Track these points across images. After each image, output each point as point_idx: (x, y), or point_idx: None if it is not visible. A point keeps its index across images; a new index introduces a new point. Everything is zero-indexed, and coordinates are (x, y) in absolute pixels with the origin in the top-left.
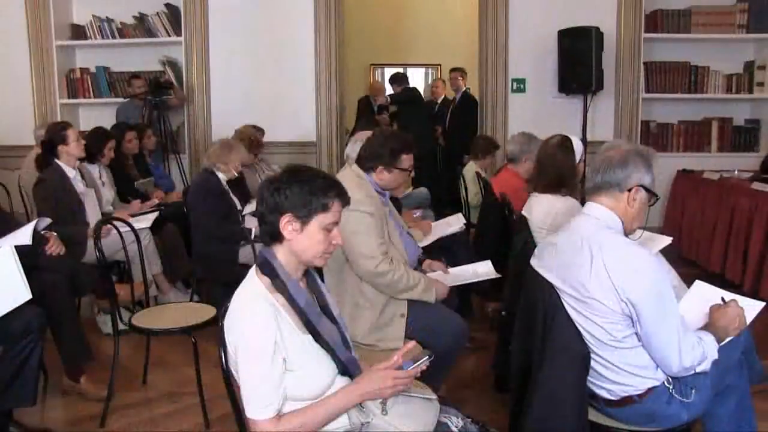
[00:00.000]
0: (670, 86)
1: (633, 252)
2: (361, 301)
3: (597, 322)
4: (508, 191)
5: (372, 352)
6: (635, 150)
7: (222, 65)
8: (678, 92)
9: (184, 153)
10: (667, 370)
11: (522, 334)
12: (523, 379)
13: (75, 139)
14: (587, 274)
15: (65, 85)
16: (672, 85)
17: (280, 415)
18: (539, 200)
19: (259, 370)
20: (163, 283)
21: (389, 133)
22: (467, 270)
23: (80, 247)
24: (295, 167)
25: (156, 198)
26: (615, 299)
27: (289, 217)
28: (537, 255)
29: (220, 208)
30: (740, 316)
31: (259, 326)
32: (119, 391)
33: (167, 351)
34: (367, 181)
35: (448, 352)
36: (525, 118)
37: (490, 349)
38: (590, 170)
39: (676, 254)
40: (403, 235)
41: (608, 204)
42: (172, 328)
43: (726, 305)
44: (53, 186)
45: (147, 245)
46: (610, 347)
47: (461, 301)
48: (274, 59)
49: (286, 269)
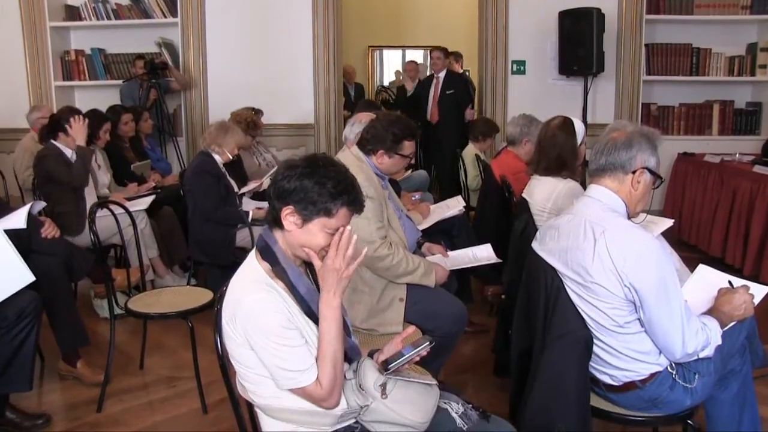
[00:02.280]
0: (672, 68)
1: (636, 236)
2: (360, 285)
3: (599, 307)
4: (508, 174)
5: (371, 337)
6: (640, 131)
7: (219, 47)
8: (679, 74)
9: (181, 136)
10: (671, 356)
11: (523, 319)
12: (524, 364)
13: (78, 132)
14: (590, 259)
15: (60, 67)
16: (673, 68)
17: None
18: (540, 183)
19: (284, 341)
20: (159, 267)
21: (394, 117)
22: (467, 254)
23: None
24: (315, 159)
25: (152, 181)
26: (618, 284)
27: (291, 209)
28: (538, 238)
29: (217, 191)
30: (747, 303)
31: (268, 308)
32: (116, 375)
33: (164, 335)
34: (367, 163)
35: (448, 337)
36: (525, 100)
37: (489, 334)
38: (594, 152)
39: (676, 238)
40: (402, 219)
41: (612, 186)
42: (168, 313)
43: (734, 290)
44: (53, 163)
45: (143, 229)
46: (612, 332)
47: (460, 284)
48: (272, 41)
49: (286, 255)
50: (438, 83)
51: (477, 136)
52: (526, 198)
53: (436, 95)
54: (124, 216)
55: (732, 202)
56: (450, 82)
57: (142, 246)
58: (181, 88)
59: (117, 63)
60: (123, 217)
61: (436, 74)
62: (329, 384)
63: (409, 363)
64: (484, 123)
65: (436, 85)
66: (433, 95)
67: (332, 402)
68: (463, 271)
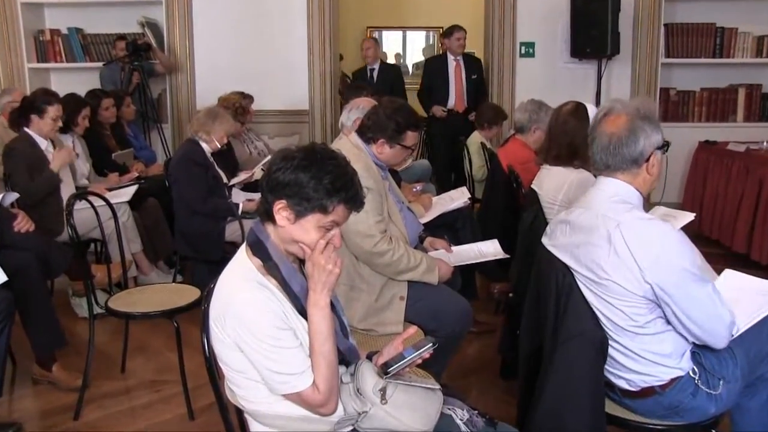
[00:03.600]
0: (693, 50)
1: (654, 228)
2: (358, 282)
3: (615, 305)
4: (515, 163)
5: (369, 338)
6: (636, 115)
7: (207, 27)
8: (701, 56)
9: (166, 122)
10: (719, 342)
11: (532, 318)
12: (533, 366)
13: (53, 117)
14: (604, 254)
15: (34, 48)
16: (695, 49)
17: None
18: (550, 173)
19: (277, 343)
20: (143, 263)
21: (398, 105)
22: (472, 249)
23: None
24: (313, 151)
25: (135, 171)
26: (636, 282)
27: (284, 204)
28: (548, 233)
29: (204, 182)
30: None
31: (260, 307)
32: (95, 379)
33: (148, 336)
34: (366, 152)
35: (451, 337)
36: (534, 85)
37: (496, 334)
38: (596, 149)
39: (696, 232)
40: (403, 211)
41: (626, 179)
42: (152, 312)
43: None
44: (24, 155)
45: (125, 222)
46: (629, 333)
47: (465, 281)
48: (263, 20)
49: (279, 250)
50: (460, 67)
51: (483, 124)
52: (535, 189)
53: (460, 81)
54: (105, 208)
55: (758, 193)
56: (471, 66)
57: (124, 240)
58: (166, 72)
59: (96, 44)
60: (103, 210)
61: (455, 57)
62: (327, 388)
63: (410, 366)
64: (490, 109)
65: (457, 69)
66: (456, 80)
67: (330, 407)
68: (468, 267)
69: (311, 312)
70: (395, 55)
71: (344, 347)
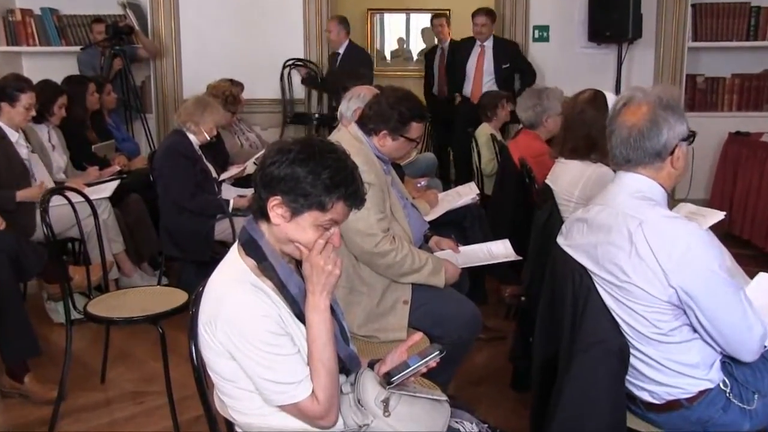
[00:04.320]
0: (724, 32)
1: (679, 227)
2: (358, 285)
3: (638, 311)
4: (528, 156)
5: (370, 345)
6: (658, 104)
7: (194, 10)
8: (733, 40)
9: (150, 112)
10: (747, 356)
11: (546, 324)
12: (547, 376)
13: (25, 106)
14: (625, 255)
15: (3, 30)
16: (726, 32)
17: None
18: (566, 168)
19: (273, 350)
20: (125, 264)
21: (402, 94)
22: (481, 249)
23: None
24: (310, 144)
25: (117, 164)
26: (660, 285)
27: (279, 200)
28: (564, 232)
29: (192, 176)
30: None
31: (254, 311)
32: (72, 391)
33: (130, 343)
34: (366, 144)
35: (459, 344)
36: (548, 71)
37: (507, 341)
38: (616, 142)
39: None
40: (407, 208)
41: (648, 174)
42: (135, 317)
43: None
44: None
45: (106, 219)
46: (653, 341)
47: (474, 284)
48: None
49: (274, 250)
50: (484, 53)
51: (486, 114)
52: (549, 185)
53: (481, 67)
54: (84, 205)
55: None
56: (502, 53)
57: (104, 239)
58: (150, 57)
59: (73, 26)
60: (82, 206)
61: (481, 43)
62: (327, 398)
63: (415, 375)
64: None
65: (480, 55)
66: (477, 68)
67: (330, 419)
68: (477, 269)
69: (310, 316)
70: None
71: (345, 354)
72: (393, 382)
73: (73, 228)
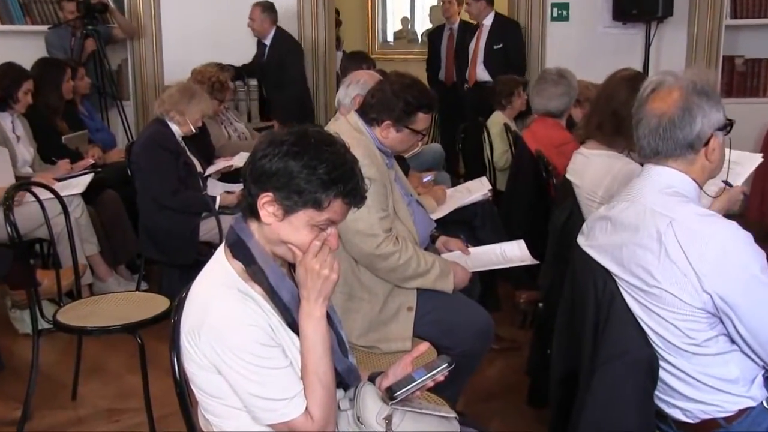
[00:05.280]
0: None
1: (715, 226)
2: (358, 290)
3: (668, 319)
4: (546, 148)
5: (371, 356)
6: (691, 90)
7: None
8: None
9: (127, 99)
10: None
11: (565, 333)
12: (567, 391)
13: None
14: (654, 257)
15: None
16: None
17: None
18: (590, 162)
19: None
20: (100, 267)
21: (409, 81)
22: (494, 251)
23: None
24: (306, 135)
25: (91, 157)
26: (693, 291)
27: (270, 197)
28: (585, 231)
29: (174, 171)
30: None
31: (242, 320)
32: (39, 409)
33: (105, 355)
34: (367, 135)
35: (469, 356)
36: (568, 54)
37: (522, 352)
38: (643, 132)
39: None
40: (411, 206)
41: (679, 168)
42: (111, 326)
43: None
44: None
45: (79, 218)
46: (685, 353)
47: (485, 289)
48: None
49: (264, 252)
50: (482, 33)
51: (500, 101)
52: (570, 180)
53: (477, 49)
54: (54, 202)
55: None
56: (499, 33)
57: (76, 240)
58: (127, 37)
59: (40, 3)
60: (51, 204)
61: (481, 22)
62: (322, 416)
63: (420, 390)
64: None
65: (479, 36)
66: (475, 50)
67: None
68: (489, 272)
69: (304, 325)
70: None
71: (343, 367)
72: (396, 398)
73: (41, 228)
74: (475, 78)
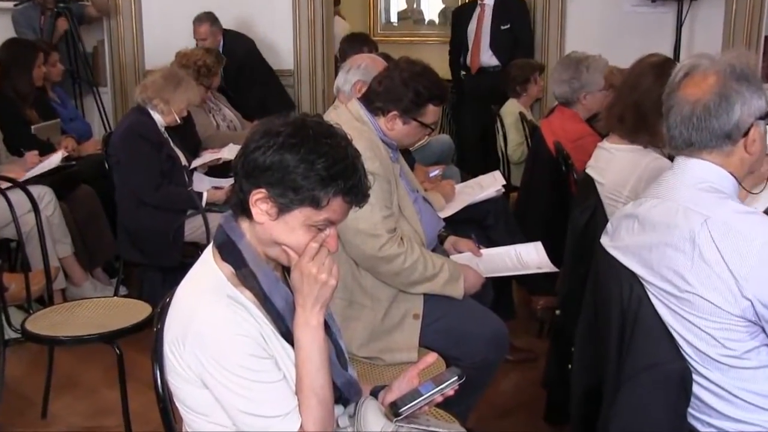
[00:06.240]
0: None
1: (756, 225)
2: (359, 296)
3: (702, 327)
4: (565, 140)
5: (374, 368)
6: (728, 74)
7: None
8: None
9: (104, 85)
10: None
11: (587, 344)
12: (590, 407)
13: None
14: (687, 260)
15: None
16: None
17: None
18: (613, 157)
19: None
20: (74, 270)
21: (420, 69)
22: (508, 253)
23: None
24: (303, 126)
25: (64, 149)
26: (731, 296)
27: (263, 194)
28: (610, 231)
29: (157, 164)
30: None
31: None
32: (6, 427)
33: (80, 368)
34: (371, 125)
35: (481, 368)
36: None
37: (539, 363)
38: (674, 122)
39: None
40: (418, 203)
41: (715, 160)
42: (86, 335)
43: None
44: None
45: (50, 216)
46: (722, 366)
47: (499, 295)
48: None
49: (256, 254)
50: (484, 13)
51: (515, 88)
52: (591, 175)
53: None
54: (22, 198)
55: None
56: (504, 12)
57: (48, 241)
58: (103, 15)
59: None
60: (20, 200)
61: (482, 1)
62: None
63: (428, 405)
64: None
65: (480, 15)
66: (476, 32)
67: None
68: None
69: (299, 335)
70: None
71: (342, 381)
72: (401, 414)
73: (8, 227)
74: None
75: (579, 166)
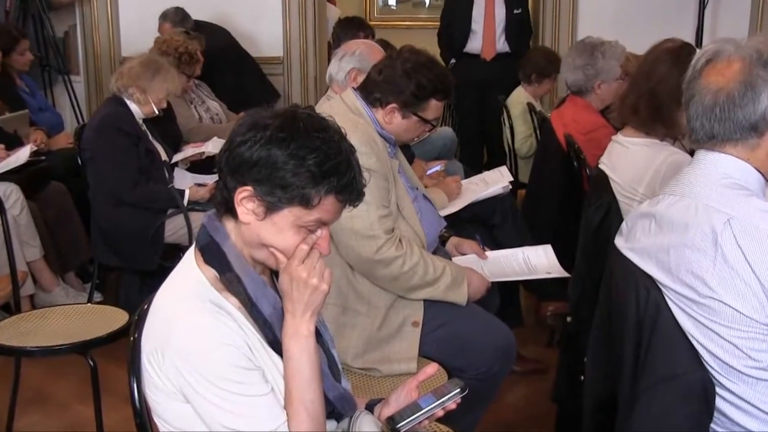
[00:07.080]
0: None
1: None
2: (354, 302)
3: (725, 336)
4: (576, 132)
5: (370, 380)
6: (755, 61)
7: None
8: None
9: (76, 73)
10: None
11: (601, 353)
12: (603, 421)
13: None
14: (709, 262)
15: None
16: None
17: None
18: (627, 152)
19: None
20: (43, 275)
21: (425, 59)
22: (516, 256)
23: None
24: (293, 118)
25: (33, 142)
26: (756, 302)
27: (250, 192)
28: (625, 231)
29: (134, 159)
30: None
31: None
32: None
33: (49, 381)
34: (367, 117)
35: (486, 379)
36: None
37: (549, 375)
38: (695, 112)
39: None
40: (418, 201)
41: (739, 154)
42: (57, 346)
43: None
44: None
45: (18, 216)
46: (748, 378)
47: (505, 300)
48: None
49: (242, 256)
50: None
51: (530, 76)
52: (605, 172)
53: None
54: None
55: None
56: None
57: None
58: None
59: None
60: None
61: None
62: None
63: (428, 420)
64: (540, 55)
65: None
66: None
67: None
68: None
69: (288, 344)
70: None
71: (335, 394)
72: (399, 429)
73: None
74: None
75: (592, 160)
